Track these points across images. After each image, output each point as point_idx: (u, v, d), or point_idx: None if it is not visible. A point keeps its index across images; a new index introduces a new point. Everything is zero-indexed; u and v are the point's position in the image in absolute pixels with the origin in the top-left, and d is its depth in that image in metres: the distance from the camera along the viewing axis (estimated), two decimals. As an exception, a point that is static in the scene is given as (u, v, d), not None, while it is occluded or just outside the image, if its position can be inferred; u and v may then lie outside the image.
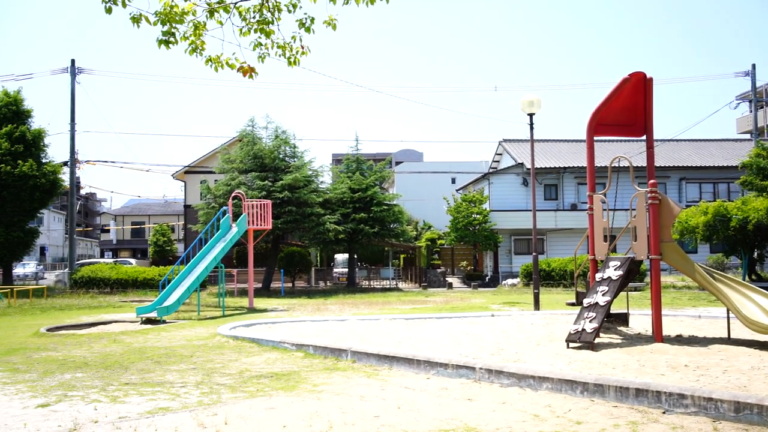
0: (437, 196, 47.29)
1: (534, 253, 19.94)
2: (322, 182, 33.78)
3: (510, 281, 33.88)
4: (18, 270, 45.30)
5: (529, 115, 19.53)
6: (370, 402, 7.55)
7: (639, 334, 12.06)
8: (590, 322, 10.40)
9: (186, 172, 43.44)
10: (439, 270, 40.22)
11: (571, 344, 10.45)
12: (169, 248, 59.25)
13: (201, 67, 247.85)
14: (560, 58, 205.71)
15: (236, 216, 23.87)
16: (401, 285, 37.10)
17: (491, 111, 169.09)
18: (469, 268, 41.71)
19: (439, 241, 45.48)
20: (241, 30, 6.25)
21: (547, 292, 28.27)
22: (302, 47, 6.45)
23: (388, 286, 34.44)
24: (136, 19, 6.05)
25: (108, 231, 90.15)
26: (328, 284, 37.36)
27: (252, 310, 21.51)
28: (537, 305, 18.83)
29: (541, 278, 29.79)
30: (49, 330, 16.19)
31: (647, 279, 26.82)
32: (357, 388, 8.34)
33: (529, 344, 11.09)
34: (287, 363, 10.43)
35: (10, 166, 31.25)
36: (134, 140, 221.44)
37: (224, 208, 23.64)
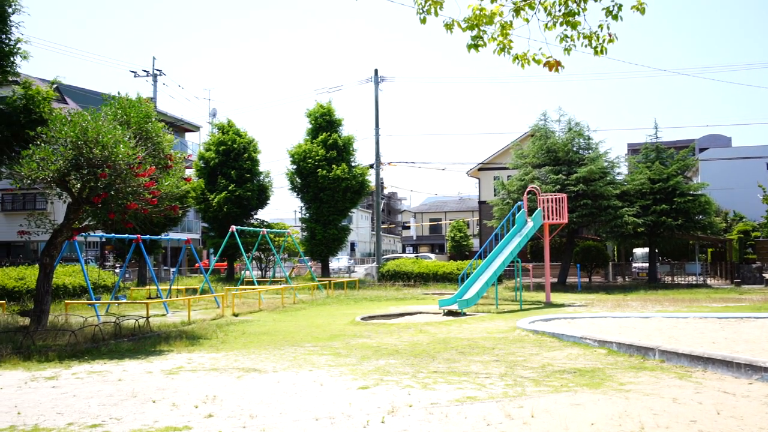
0: (750, 183, 42.85)
1: None
2: (618, 174, 32.40)
3: None
4: (333, 264, 49.94)
5: None
6: (685, 405, 7.10)
7: None
8: None
9: (479, 169, 44.50)
10: (754, 265, 36.33)
11: None
12: (465, 243, 61.08)
13: (487, 66, 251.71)
14: None
15: (531, 211, 23.89)
16: (709, 281, 34.20)
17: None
18: (792, 263, 37.14)
19: (753, 234, 41.08)
20: (546, 25, 6.27)
21: None
22: (609, 35, 6.28)
23: (693, 282, 31.94)
24: (449, 26, 6.39)
25: (408, 227, 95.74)
26: (627, 279, 35.76)
27: (549, 304, 21.39)
28: None
29: None
30: (362, 319, 17.66)
31: None
32: (668, 389, 7.90)
33: None
34: (590, 359, 10.21)
35: (325, 170, 34.63)
36: (431, 141, 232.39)
37: (519, 203, 23.81)
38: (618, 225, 29.30)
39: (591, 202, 28.71)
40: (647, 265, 34.58)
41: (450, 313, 18.90)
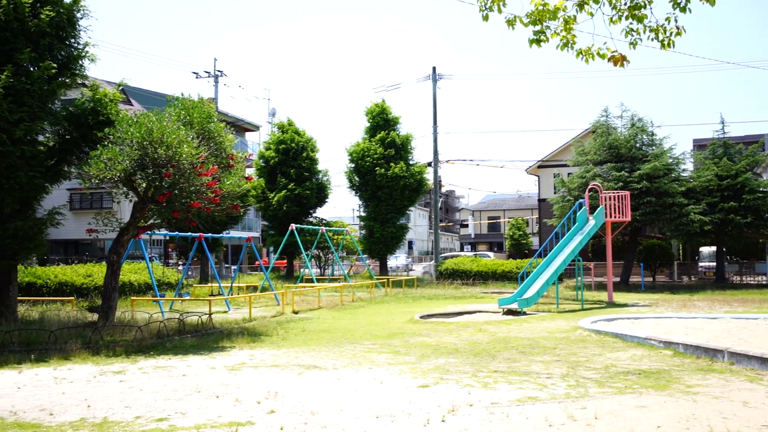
0: (824, 180, 41.07)
1: None
2: (683, 170, 31.54)
3: None
4: (391, 262, 49.97)
5: None
6: (756, 409, 6.87)
7: None
8: None
9: (539, 167, 43.91)
10: (829, 265, 34.92)
11: None
12: (524, 242, 60.50)
13: (547, 61, 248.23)
14: None
15: (592, 208, 23.48)
16: (781, 281, 33.03)
17: None
18: None
19: (828, 232, 39.47)
20: (611, 19, 6.14)
21: None
22: (677, 28, 6.11)
23: (764, 282, 30.89)
24: (510, 22, 6.34)
25: (467, 226, 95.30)
26: (693, 279, 34.79)
27: (611, 304, 20.98)
28: None
29: None
30: (421, 317, 17.64)
31: None
32: (738, 392, 7.65)
33: None
34: (655, 361, 9.97)
35: (383, 168, 34.70)
36: (489, 138, 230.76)
37: (580, 200, 23.42)
38: (683, 223, 28.54)
39: (655, 200, 28.05)
40: (714, 264, 33.58)
41: (510, 312, 18.72)
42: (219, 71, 45.65)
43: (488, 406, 7.24)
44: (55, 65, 14.24)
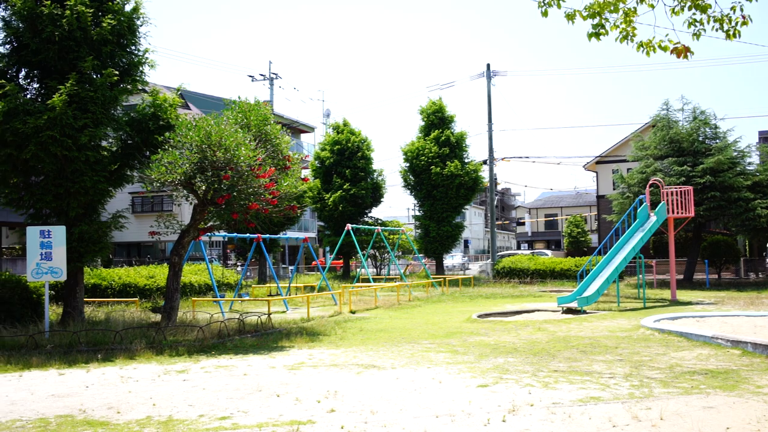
0: None
1: None
2: (749, 164, 30.54)
3: None
4: (447, 261, 49.77)
5: None
6: (832, 411, 6.61)
7: None
8: None
9: (597, 163, 43.13)
10: None
11: None
12: (582, 239, 59.57)
13: (604, 55, 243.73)
14: None
15: (653, 204, 22.95)
16: None
17: None
18: None
19: None
20: (673, 9, 5.99)
21: None
22: (743, 17, 5.92)
23: (837, 279, 29.77)
24: (570, 16, 6.26)
25: (523, 224, 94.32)
26: (760, 276, 33.70)
27: (674, 302, 20.47)
28: None
29: None
30: (479, 316, 17.51)
31: None
32: (812, 393, 7.38)
33: None
34: (722, 360, 9.68)
35: (439, 167, 34.62)
36: (545, 134, 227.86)
37: (641, 196, 22.92)
38: (750, 218, 27.64)
39: (719, 195, 27.25)
40: (783, 260, 32.48)
41: (569, 311, 18.44)
42: (274, 74, 46.19)
43: (549, 406, 7.14)
44: (116, 72, 14.62)
